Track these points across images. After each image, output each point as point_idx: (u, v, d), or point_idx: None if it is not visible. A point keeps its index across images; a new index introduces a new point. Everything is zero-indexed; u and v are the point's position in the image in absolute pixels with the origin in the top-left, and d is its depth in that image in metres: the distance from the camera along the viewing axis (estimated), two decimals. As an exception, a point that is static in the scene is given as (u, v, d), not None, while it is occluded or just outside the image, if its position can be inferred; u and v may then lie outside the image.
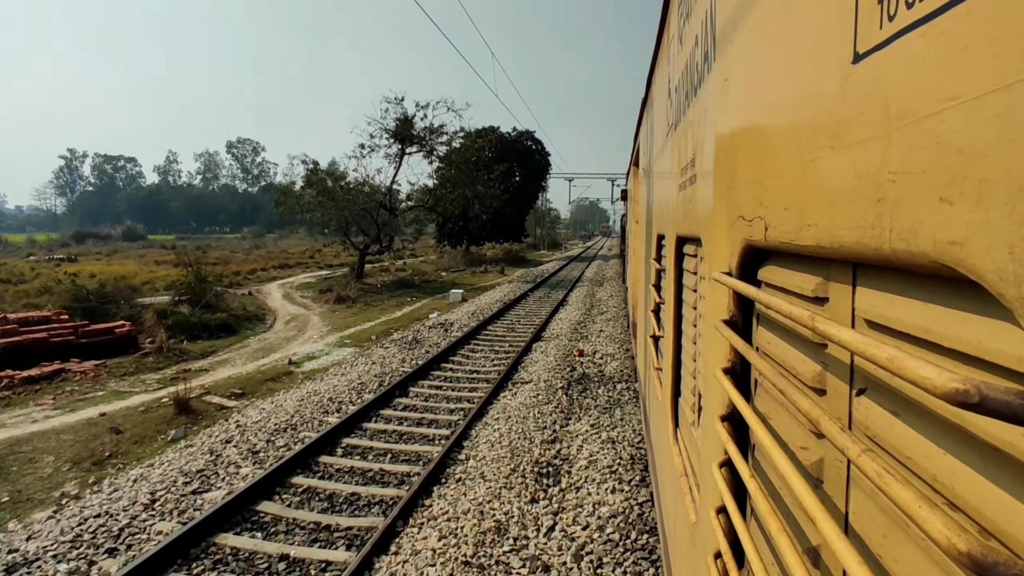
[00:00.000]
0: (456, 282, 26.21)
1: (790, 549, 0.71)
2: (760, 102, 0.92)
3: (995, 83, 0.37)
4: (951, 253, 0.42)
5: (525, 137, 41.92)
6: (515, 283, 23.55)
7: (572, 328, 12.92)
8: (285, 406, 7.74)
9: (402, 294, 21.86)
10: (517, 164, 40.74)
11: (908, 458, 0.54)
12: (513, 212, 40.11)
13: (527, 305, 17.06)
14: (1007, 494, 0.40)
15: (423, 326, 13.45)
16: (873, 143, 0.54)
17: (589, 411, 7.36)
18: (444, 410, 7.61)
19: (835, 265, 0.73)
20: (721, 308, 1.20)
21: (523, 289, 20.68)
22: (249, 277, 29.43)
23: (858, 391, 0.66)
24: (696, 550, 1.50)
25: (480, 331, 12.74)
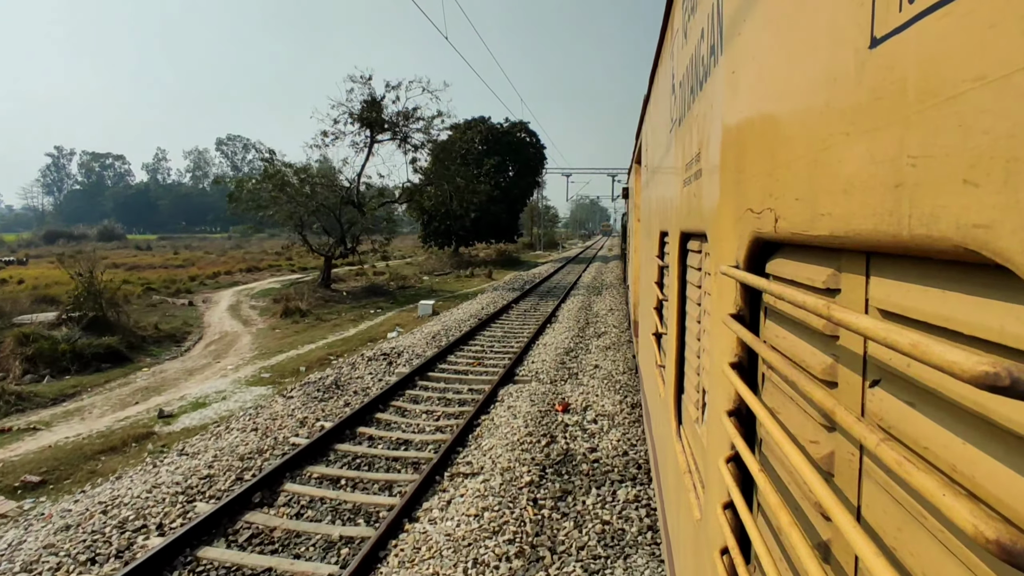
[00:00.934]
0: (435, 289, 23.20)
1: (802, 543, 0.70)
2: (770, 92, 0.91)
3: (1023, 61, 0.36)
4: (975, 236, 0.41)
5: (518, 128, 38.77)
6: (500, 291, 20.49)
7: (558, 361, 9.83)
8: (48, 528, 4.63)
9: (367, 304, 18.82)
10: (509, 157, 37.64)
11: (925, 448, 0.53)
12: (504, 210, 37.04)
13: (507, 322, 14.01)
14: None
15: (361, 357, 10.34)
16: (891, 128, 0.53)
17: (569, 552, 4.16)
18: (319, 543, 4.39)
19: (847, 256, 0.72)
20: (728, 302, 1.19)
21: (508, 299, 17.63)
22: (208, 282, 26.43)
23: (871, 382, 0.65)
24: (701, 547, 1.49)
25: (435, 365, 9.66)
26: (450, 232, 35.21)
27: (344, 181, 22.32)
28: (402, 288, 23.66)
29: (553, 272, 28.05)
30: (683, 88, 2.05)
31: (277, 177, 20.67)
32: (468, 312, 15.32)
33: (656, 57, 3.29)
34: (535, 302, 17.27)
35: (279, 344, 12.98)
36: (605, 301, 17.33)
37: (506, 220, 37.21)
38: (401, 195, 23.95)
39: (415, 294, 21.59)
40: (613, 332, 12.37)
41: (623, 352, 10.46)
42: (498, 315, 14.65)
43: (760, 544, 0.87)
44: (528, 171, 39.23)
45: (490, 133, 37.21)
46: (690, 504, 1.71)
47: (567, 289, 20.08)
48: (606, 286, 21.63)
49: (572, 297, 18.21)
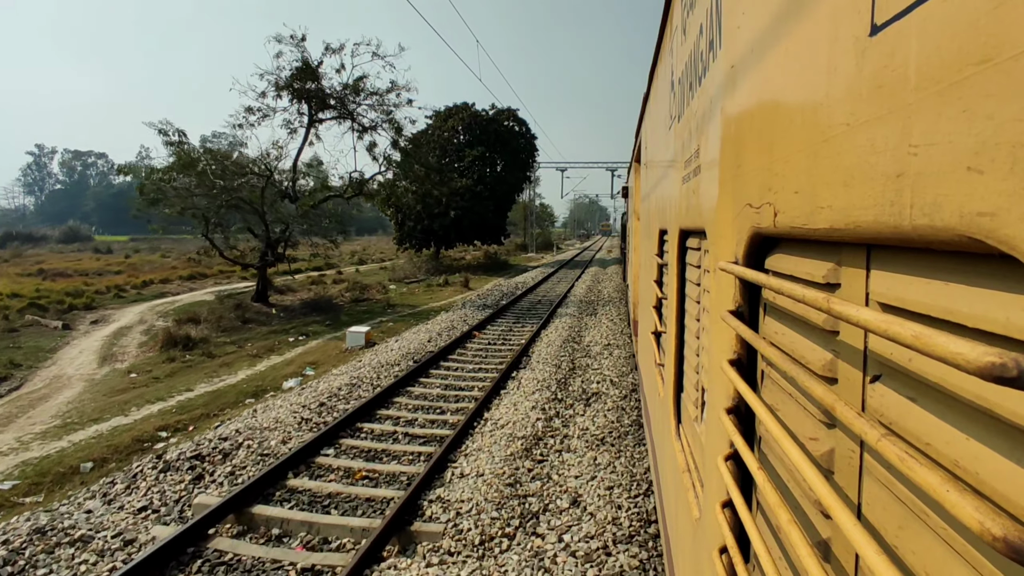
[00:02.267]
0: (393, 303, 18.94)
1: (801, 541, 0.69)
2: (770, 86, 0.91)
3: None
4: (980, 225, 0.40)
5: (505, 116, 34.40)
6: (469, 308, 16.20)
7: (507, 477, 5.25)
8: None
9: (297, 326, 14.68)
10: (495, 149, 33.31)
11: (927, 444, 0.52)
12: (490, 207, 32.72)
13: (456, 365, 9.66)
14: None
15: (153, 466, 5.60)
16: (893, 116, 0.52)
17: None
18: None
19: (847, 249, 0.71)
20: (727, 299, 1.19)
21: (473, 321, 13.46)
22: (128, 293, 22.25)
23: (872, 378, 0.65)
24: (700, 546, 1.48)
25: (275, 485, 5.19)
26: (428, 233, 30.95)
27: (271, 169, 17.79)
28: (357, 301, 19.43)
29: (542, 280, 23.75)
30: (682, 85, 2.07)
31: (190, 165, 16.36)
32: (411, 345, 11.00)
33: (655, 55, 3.31)
34: (507, 327, 12.95)
35: (109, 402, 8.80)
36: (602, 327, 12.65)
37: (492, 219, 32.92)
38: (348, 187, 19.54)
39: (366, 310, 17.38)
40: (613, 394, 7.68)
41: (633, 449, 5.90)
42: (448, 351, 10.35)
43: (759, 543, 0.86)
44: (517, 164, 34.89)
45: (473, 121, 32.90)
46: (689, 503, 1.71)
47: (553, 305, 15.68)
48: (603, 301, 17.02)
49: (557, 319, 13.72)
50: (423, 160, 19.64)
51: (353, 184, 19.49)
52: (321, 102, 17.66)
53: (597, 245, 69.45)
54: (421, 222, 30.45)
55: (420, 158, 19.61)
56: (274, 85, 16.74)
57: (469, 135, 33.34)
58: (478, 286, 23.69)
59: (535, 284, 21.77)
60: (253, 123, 17.19)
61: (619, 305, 15.87)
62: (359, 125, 18.53)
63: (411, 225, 30.75)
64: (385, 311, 17.29)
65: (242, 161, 17.77)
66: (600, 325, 12.98)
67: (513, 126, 34.83)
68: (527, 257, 44.51)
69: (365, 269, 32.91)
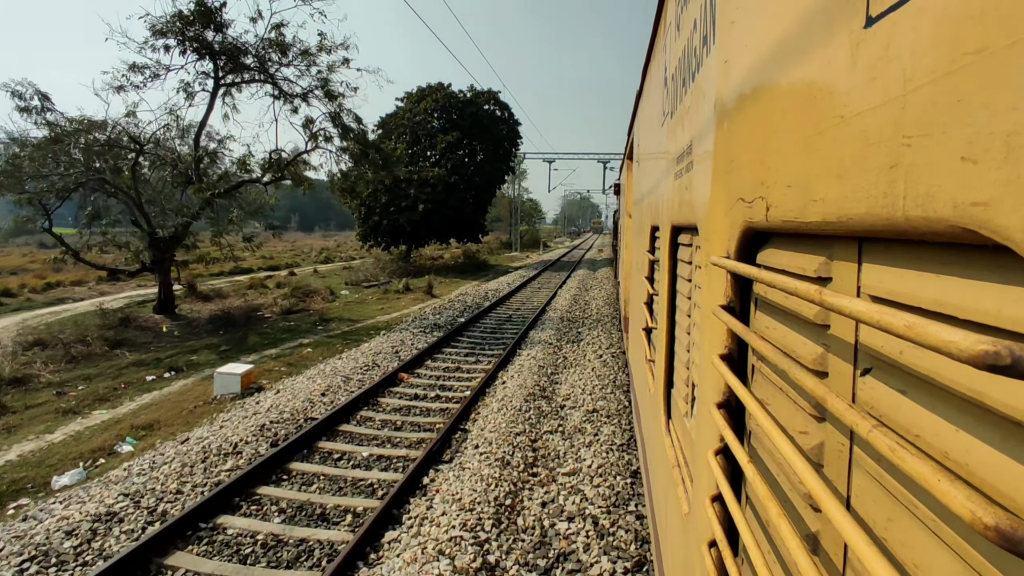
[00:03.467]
0: (330, 317, 15.20)
1: (790, 534, 0.69)
2: (764, 79, 0.90)
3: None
4: (973, 215, 0.40)
5: (485, 99, 30.64)
6: (415, 327, 12.43)
7: None
8: None
9: (175, 355, 11.06)
10: (474, 135, 29.58)
11: (917, 436, 0.52)
12: (467, 201, 29.01)
13: (341, 451, 6.01)
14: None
15: None
16: (887, 107, 0.52)
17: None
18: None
19: (839, 243, 0.71)
20: (718, 294, 1.18)
21: (412, 349, 10.09)
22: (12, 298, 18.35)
23: (863, 371, 0.65)
24: (689, 540, 1.49)
25: None
26: (396, 229, 27.17)
27: (141, 142, 13.54)
28: (288, 313, 15.65)
29: (520, 286, 20.06)
30: (675, 81, 2.06)
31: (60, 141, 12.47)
32: (294, 401, 7.30)
33: (648, 52, 3.33)
34: (453, 364, 9.29)
35: None
36: (587, 368, 8.79)
37: (469, 214, 29.22)
38: (266, 170, 15.37)
39: (290, 327, 13.63)
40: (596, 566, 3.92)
41: None
42: (345, 415, 6.69)
43: (748, 536, 0.87)
44: (498, 153, 31.15)
45: (448, 103, 29.12)
46: (678, 498, 1.71)
47: (524, 326, 11.90)
48: (590, 320, 13.04)
49: (526, 349, 9.98)
50: (361, 138, 15.85)
51: (272, 166, 15.10)
52: (232, 60, 13.79)
53: (587, 243, 65.44)
54: (388, 216, 26.68)
55: (359, 135, 15.78)
56: (157, 31, 12.60)
57: (444, 119, 29.56)
58: (444, 292, 20.03)
59: (510, 292, 18.04)
60: (139, 84, 13.18)
61: (611, 329, 11.84)
62: (283, 92, 14.69)
63: (376, 220, 26.96)
64: (314, 328, 13.56)
65: (115, 132, 13.61)
66: (584, 363, 9.08)
67: (494, 110, 31.07)
68: (510, 257, 40.55)
69: (326, 269, 29.05)
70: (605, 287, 19.49)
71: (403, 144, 28.37)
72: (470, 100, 29.75)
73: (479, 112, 29.95)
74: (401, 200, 26.29)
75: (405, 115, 29.03)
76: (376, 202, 26.46)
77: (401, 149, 28.22)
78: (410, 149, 28.54)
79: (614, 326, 12.11)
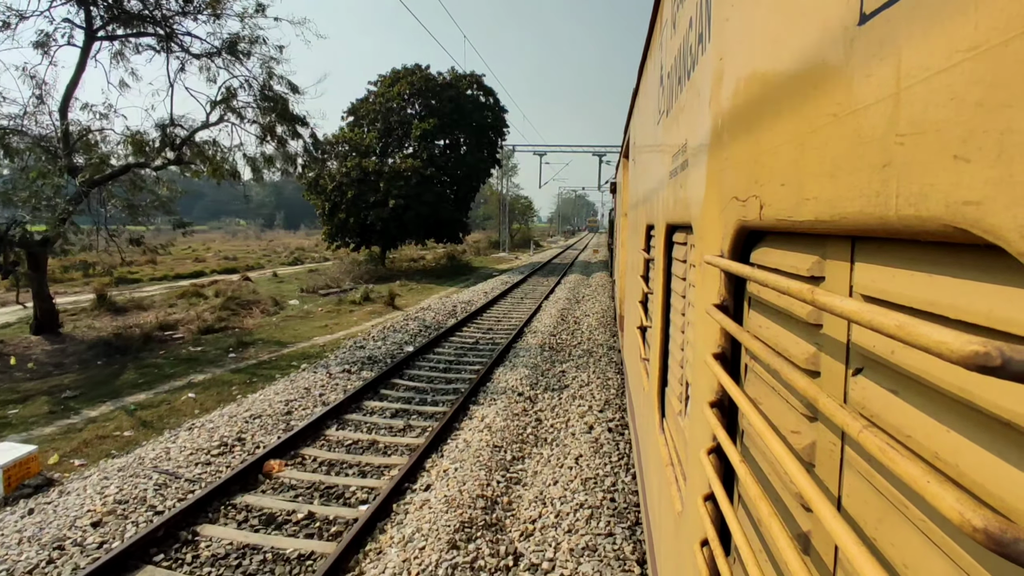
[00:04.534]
0: (252, 340, 12.03)
1: (782, 534, 0.70)
2: (758, 77, 0.90)
3: (1022, 27, 0.35)
4: (966, 214, 0.40)
5: (467, 82, 27.53)
6: (338, 364, 9.15)
7: None
8: None
9: (39, 394, 7.73)
10: (454, 122, 26.53)
11: (908, 436, 0.52)
12: (447, 196, 25.98)
13: None
14: (1018, 470, 0.38)
15: None
16: (880, 106, 0.52)
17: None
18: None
19: (832, 242, 0.71)
20: (712, 293, 1.18)
21: (318, 407, 6.88)
22: None
23: (854, 371, 0.65)
24: (681, 539, 1.49)
25: None
26: (366, 227, 24.10)
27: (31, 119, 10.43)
28: (208, 332, 12.64)
29: (501, 294, 17.00)
30: (671, 79, 2.05)
31: None
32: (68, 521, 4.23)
33: (644, 51, 3.31)
34: (368, 435, 6.09)
35: None
36: (569, 452, 5.48)
37: (448, 211, 26.18)
38: (163, 145, 11.85)
39: (194, 356, 10.59)
40: None
41: None
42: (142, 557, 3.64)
43: (740, 535, 0.87)
44: (482, 143, 28.10)
45: (425, 86, 26.01)
46: (672, 497, 1.72)
47: (491, 361, 8.67)
48: (580, 352, 9.67)
49: (481, 408, 6.75)
50: (283, 110, 12.68)
51: (165, 143, 11.76)
52: (114, 5, 10.67)
53: (582, 243, 62.08)
54: (356, 213, 23.60)
55: (279, 107, 12.52)
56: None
57: (421, 104, 26.47)
58: (410, 302, 16.99)
59: (486, 304, 14.88)
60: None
61: (608, 367, 8.56)
62: (180, 48, 11.54)
63: (342, 217, 23.86)
64: (224, 356, 10.49)
65: None
66: (565, 441, 5.78)
67: (477, 95, 27.97)
68: (497, 258, 37.24)
69: (290, 272, 25.94)
70: (600, 299, 16.21)
71: (374, 132, 25.22)
72: (450, 84, 26.59)
73: (461, 97, 26.83)
74: (370, 194, 23.21)
75: (377, 100, 25.92)
76: (341, 197, 23.37)
77: (371, 138, 24.93)
78: (382, 139, 25.45)
79: (612, 362, 8.97)
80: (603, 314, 13.44)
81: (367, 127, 25.75)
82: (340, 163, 23.82)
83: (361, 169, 23.41)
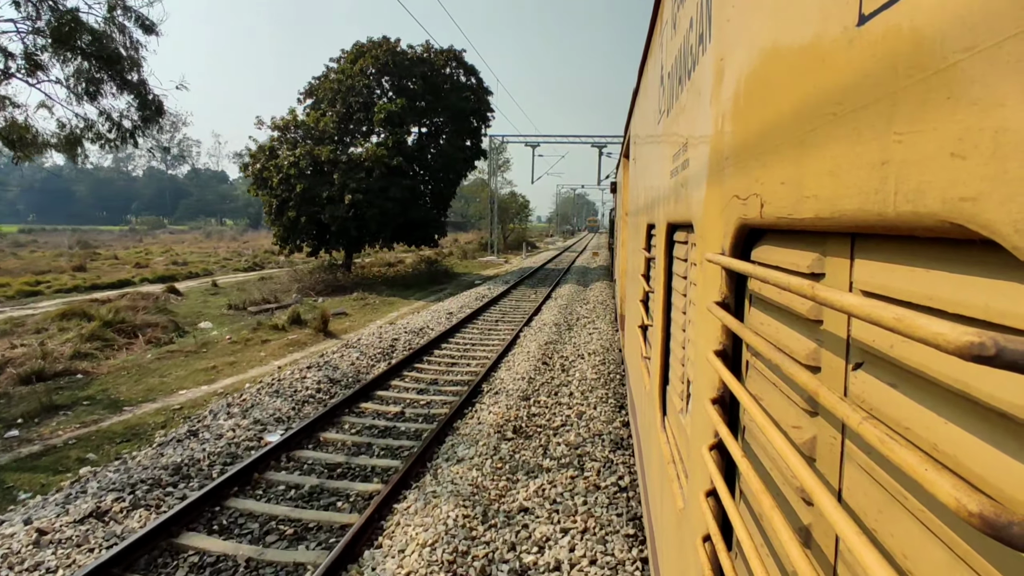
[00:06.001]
0: (66, 403, 7.91)
1: (783, 527, 0.70)
2: (758, 77, 0.91)
3: (1015, 28, 0.36)
4: (962, 210, 0.41)
5: (443, 59, 23.58)
6: (117, 485, 4.98)
7: None
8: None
9: None
10: (428, 105, 22.65)
11: (907, 429, 0.53)
12: (418, 191, 22.10)
13: None
14: (1014, 460, 0.39)
15: None
16: (879, 105, 0.53)
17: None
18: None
19: (832, 239, 0.72)
20: (713, 290, 1.19)
21: None
22: None
23: (854, 365, 0.66)
24: (684, 535, 1.49)
25: None
26: (323, 227, 20.25)
27: None
28: (39, 380, 8.74)
29: (473, 314, 13.07)
30: (672, 79, 2.06)
31: None
32: None
33: (645, 50, 3.29)
34: None
35: None
36: None
37: (423, 209, 22.27)
38: None
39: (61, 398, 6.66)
40: None
41: None
42: None
43: (742, 530, 0.87)
44: (462, 130, 24.16)
45: (393, 62, 22.07)
46: (673, 494, 1.72)
47: (411, 462, 4.94)
48: (566, 445, 5.52)
49: None
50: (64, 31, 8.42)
51: None
52: None
53: (581, 244, 57.69)
54: (307, 211, 19.72)
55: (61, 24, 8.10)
56: None
57: (388, 82, 22.56)
58: (355, 325, 13.18)
59: (444, 333, 10.98)
60: None
61: (621, 504, 4.46)
62: None
63: (291, 216, 19.92)
64: (36, 419, 6.66)
65: None
66: None
67: (457, 74, 24.05)
68: (484, 262, 32.94)
69: (237, 281, 22.08)
70: (600, 325, 11.51)
71: (332, 116, 21.29)
72: (421, 59, 22.67)
73: (436, 76, 22.91)
74: (323, 189, 19.30)
75: (336, 79, 22.00)
76: (290, 192, 19.45)
77: (327, 122, 20.82)
78: (342, 123, 21.53)
79: (622, 492, 4.73)
80: (604, 353, 9.47)
81: (326, 110, 21.85)
82: (289, 151, 19.70)
83: (312, 158, 19.43)
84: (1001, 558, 0.40)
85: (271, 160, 20.06)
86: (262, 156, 20.60)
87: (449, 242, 43.84)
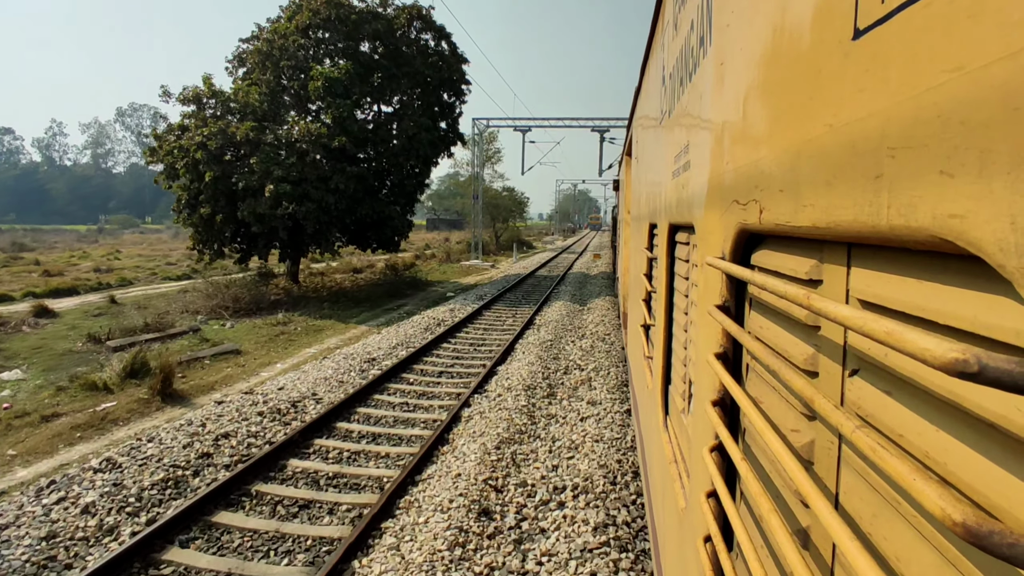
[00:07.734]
0: None
1: (782, 530, 0.71)
2: (757, 84, 0.92)
3: (1001, 51, 0.37)
4: (950, 226, 0.42)
5: (404, 18, 18.99)
6: None
7: None
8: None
9: None
10: (384, 73, 18.14)
11: (900, 436, 0.54)
12: (369, 182, 17.54)
13: None
14: (1001, 468, 0.40)
15: None
16: (873, 119, 0.54)
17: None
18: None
19: (829, 247, 0.73)
20: (714, 293, 1.20)
21: None
22: None
23: (851, 372, 0.67)
24: (685, 535, 1.49)
25: None
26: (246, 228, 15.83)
27: None
28: None
29: (415, 354, 8.77)
30: (673, 80, 2.05)
31: None
32: None
33: (647, 49, 3.30)
34: None
35: None
36: None
37: (375, 204, 17.68)
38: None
39: None
40: None
41: None
42: None
43: (742, 532, 0.88)
44: (430, 105, 19.62)
45: (336, 16, 17.49)
46: (675, 493, 1.71)
47: None
48: None
49: None
50: None
51: None
52: None
53: (581, 244, 52.98)
54: (223, 207, 15.23)
55: None
56: None
57: (332, 44, 18.03)
58: (232, 376, 8.72)
59: (351, 398, 6.69)
60: None
61: None
62: None
63: (206, 213, 15.40)
64: None
65: None
66: None
67: (423, 38, 19.53)
68: (466, 268, 27.87)
69: (150, 295, 17.67)
70: (601, 395, 7.16)
71: (260, 87, 16.88)
72: (376, 14, 18.14)
73: (394, 37, 18.39)
74: (239, 177, 14.80)
75: (265, 40, 17.48)
76: (199, 181, 14.95)
77: (252, 93, 16.11)
78: (274, 96, 17.10)
79: None
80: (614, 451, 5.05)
81: (257, 79, 17.34)
82: (199, 129, 14.72)
83: (227, 137, 14.92)
84: (989, 564, 0.41)
85: (179, 141, 15.21)
86: (171, 137, 15.57)
87: (439, 241, 39.09)
